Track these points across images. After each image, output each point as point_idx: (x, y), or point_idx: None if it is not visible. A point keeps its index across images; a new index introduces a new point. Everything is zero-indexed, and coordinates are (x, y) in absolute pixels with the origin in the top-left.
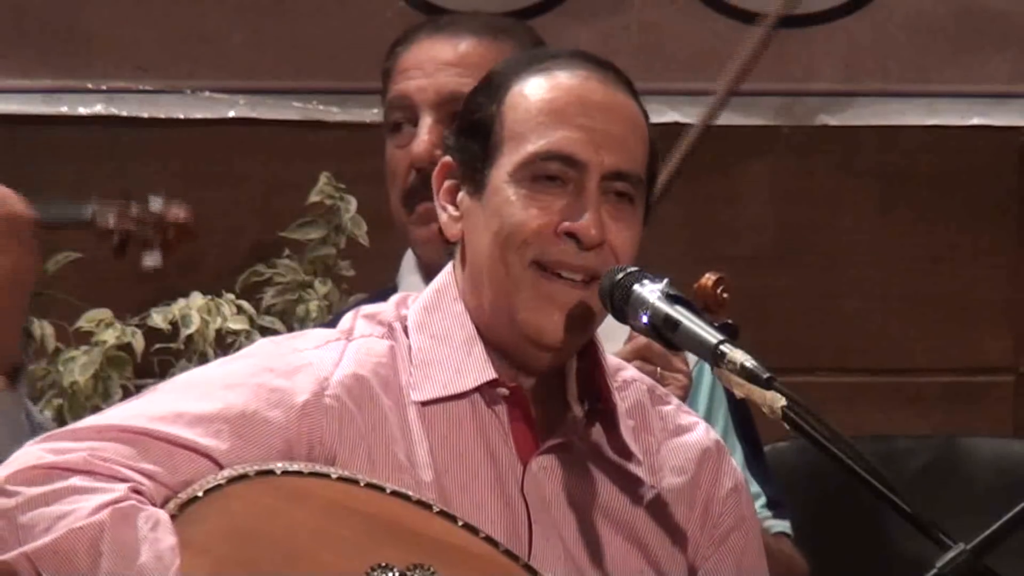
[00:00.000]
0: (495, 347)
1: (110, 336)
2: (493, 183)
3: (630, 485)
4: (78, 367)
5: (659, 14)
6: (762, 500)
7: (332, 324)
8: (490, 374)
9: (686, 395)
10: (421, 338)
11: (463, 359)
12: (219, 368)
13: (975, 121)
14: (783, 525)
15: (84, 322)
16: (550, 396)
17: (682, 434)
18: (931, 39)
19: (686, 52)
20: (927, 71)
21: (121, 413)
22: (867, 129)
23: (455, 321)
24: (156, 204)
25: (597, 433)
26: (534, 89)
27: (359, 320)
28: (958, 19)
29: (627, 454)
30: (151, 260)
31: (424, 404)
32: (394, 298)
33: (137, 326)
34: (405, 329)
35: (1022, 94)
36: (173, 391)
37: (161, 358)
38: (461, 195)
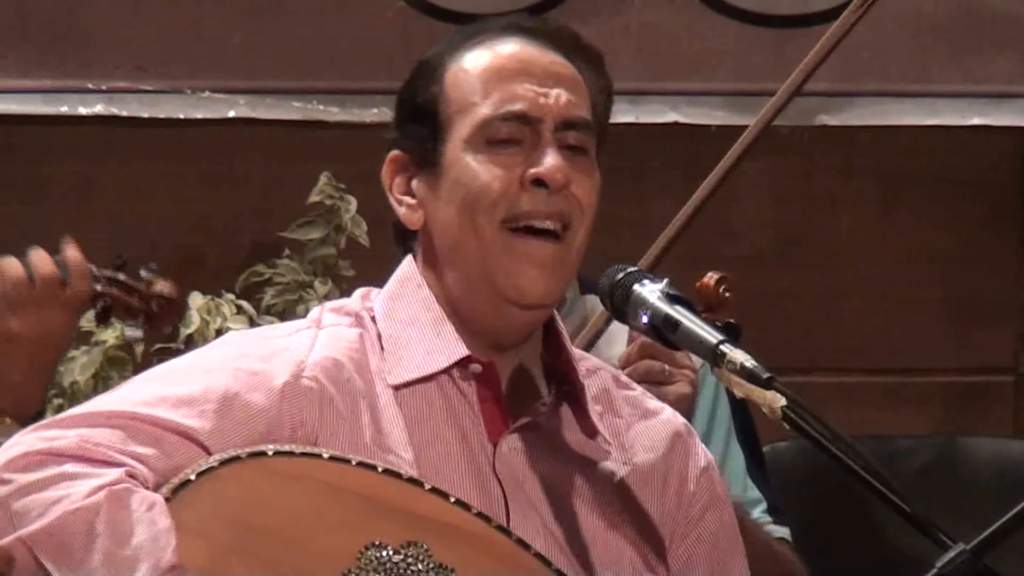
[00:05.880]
0: (469, 325)
1: (110, 336)
2: (449, 157)
3: (602, 463)
4: (78, 367)
5: (659, 14)
6: (763, 506)
7: None
8: (462, 351)
9: (694, 390)
10: (389, 324)
11: (433, 339)
12: (196, 356)
13: (975, 121)
14: (783, 531)
15: (84, 322)
16: (518, 377)
17: (650, 417)
18: (931, 39)
19: (686, 52)
20: (927, 71)
21: (106, 400)
22: (867, 129)
23: (421, 305)
24: (145, 273)
25: (566, 413)
26: (474, 61)
27: (326, 313)
28: (958, 19)
29: (596, 433)
30: (133, 331)
31: (398, 387)
32: (358, 291)
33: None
34: (373, 318)
35: (1022, 94)
36: (154, 379)
37: (161, 358)
38: (416, 183)
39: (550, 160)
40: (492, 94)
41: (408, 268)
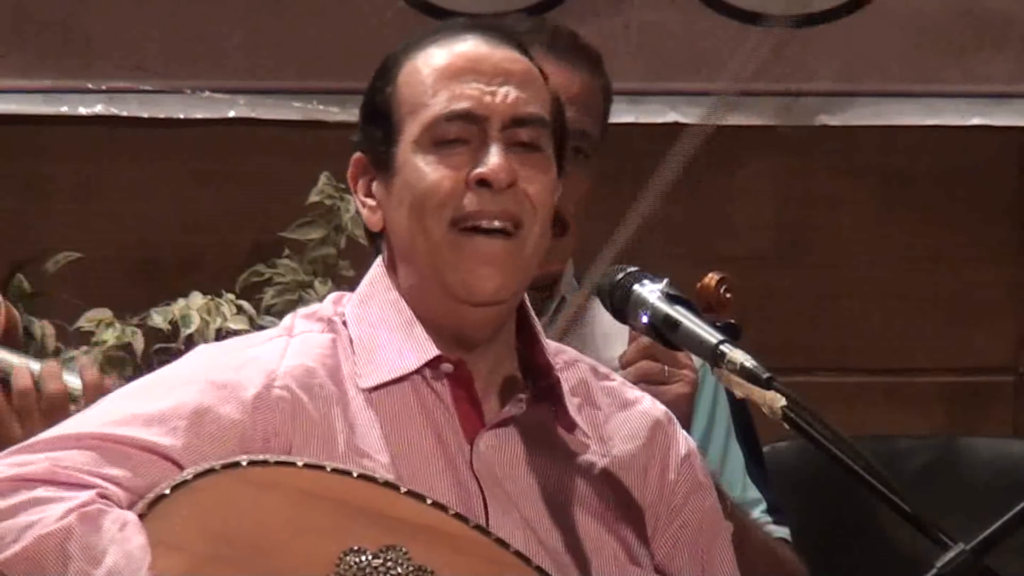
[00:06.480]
0: (434, 325)
1: (110, 336)
2: (400, 158)
3: (581, 456)
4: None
5: (659, 14)
6: (762, 506)
7: None
8: (432, 351)
9: (694, 390)
10: (360, 328)
11: (404, 340)
12: (167, 371)
13: (975, 121)
14: (783, 531)
15: (84, 322)
16: (493, 374)
17: (630, 407)
18: (931, 39)
19: (686, 52)
20: (927, 71)
21: (77, 422)
22: (867, 129)
23: (391, 307)
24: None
25: (543, 408)
26: (425, 60)
27: (297, 319)
28: (958, 19)
29: (574, 427)
30: None
31: (371, 390)
32: (330, 296)
33: (137, 326)
34: (344, 323)
35: (1022, 94)
36: (125, 397)
37: (161, 358)
38: (375, 185)
39: (494, 159)
40: (440, 93)
41: (377, 270)
